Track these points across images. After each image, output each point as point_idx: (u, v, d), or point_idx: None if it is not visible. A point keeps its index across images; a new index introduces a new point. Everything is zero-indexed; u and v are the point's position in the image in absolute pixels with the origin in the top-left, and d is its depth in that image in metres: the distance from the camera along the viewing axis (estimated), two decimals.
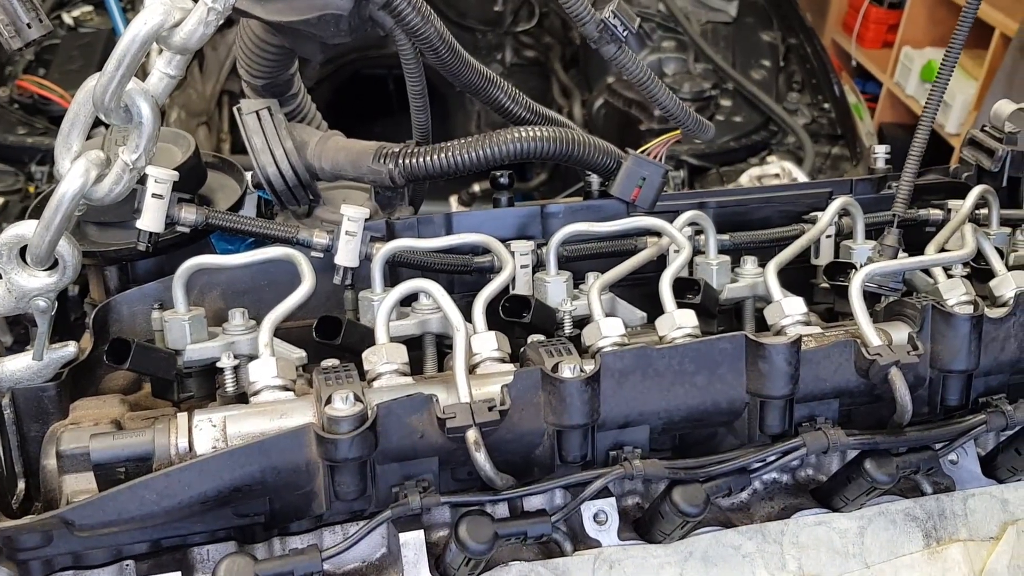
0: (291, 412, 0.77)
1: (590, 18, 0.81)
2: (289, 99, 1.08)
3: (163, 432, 0.75)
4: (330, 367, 0.80)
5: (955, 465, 0.92)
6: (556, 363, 0.78)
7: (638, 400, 0.81)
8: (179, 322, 0.86)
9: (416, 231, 1.00)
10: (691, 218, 1.00)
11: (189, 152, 1.00)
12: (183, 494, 0.72)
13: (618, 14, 0.81)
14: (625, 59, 0.84)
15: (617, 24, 0.81)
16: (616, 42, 0.82)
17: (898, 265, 0.93)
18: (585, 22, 0.81)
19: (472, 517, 0.76)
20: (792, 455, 0.83)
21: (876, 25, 4.56)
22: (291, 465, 0.74)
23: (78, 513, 0.70)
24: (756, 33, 2.82)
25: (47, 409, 0.83)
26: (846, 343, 0.84)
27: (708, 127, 0.95)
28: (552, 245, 0.95)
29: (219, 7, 0.77)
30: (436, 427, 0.76)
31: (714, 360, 0.82)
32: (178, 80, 0.83)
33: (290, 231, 0.92)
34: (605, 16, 0.81)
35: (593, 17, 0.81)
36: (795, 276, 1.02)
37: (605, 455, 0.84)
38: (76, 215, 0.82)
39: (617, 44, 0.82)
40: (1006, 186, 1.14)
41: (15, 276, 0.82)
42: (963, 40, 0.97)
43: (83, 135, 0.82)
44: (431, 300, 0.89)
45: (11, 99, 2.33)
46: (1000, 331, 0.88)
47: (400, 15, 0.89)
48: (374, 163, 0.98)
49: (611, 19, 0.81)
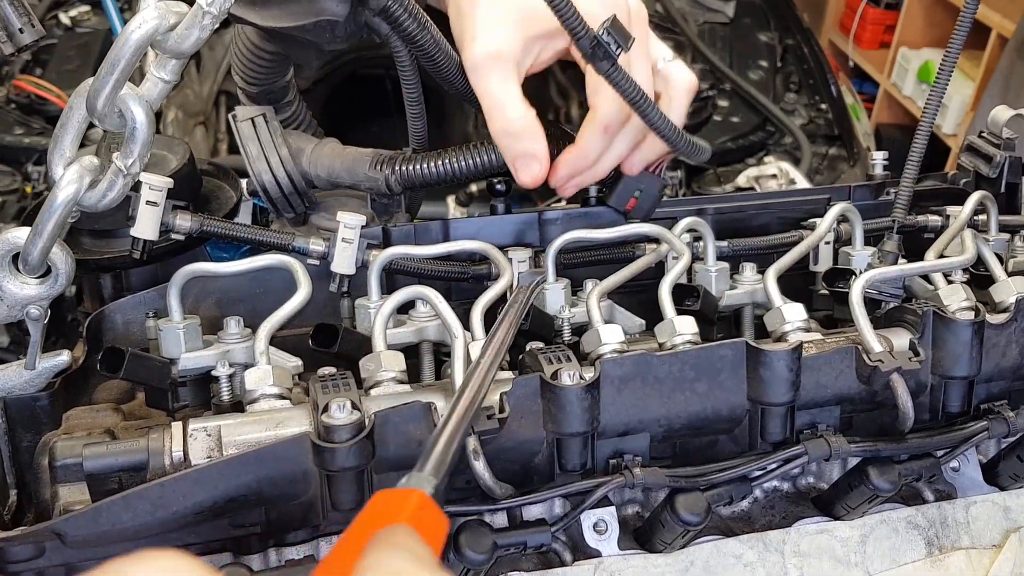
0: (287, 421, 0.76)
1: (584, 33, 0.78)
2: (284, 106, 1.07)
3: (157, 441, 0.74)
4: (327, 375, 0.79)
5: (957, 472, 0.91)
6: (555, 370, 0.78)
7: (638, 407, 0.80)
8: (173, 331, 0.85)
9: (413, 238, 0.99)
10: (689, 224, 0.99)
11: (184, 159, 1.00)
12: (178, 504, 0.71)
13: (611, 31, 0.78)
14: (619, 77, 0.81)
15: (610, 42, 0.78)
16: (609, 59, 0.79)
17: (898, 271, 0.93)
18: (580, 37, 0.78)
19: (471, 527, 0.75)
20: (793, 463, 0.83)
21: (873, 26, 4.57)
22: (287, 475, 0.73)
23: (71, 524, 0.70)
24: (753, 34, 2.82)
25: (40, 419, 0.82)
26: (847, 349, 0.83)
27: (703, 150, 0.92)
28: (550, 252, 0.94)
29: (215, 10, 0.76)
30: None
31: (714, 367, 0.81)
32: (173, 85, 0.82)
33: (286, 238, 0.92)
34: (598, 32, 0.78)
35: (587, 33, 0.78)
36: (794, 282, 1.01)
37: (605, 463, 0.83)
38: (69, 222, 0.81)
39: (610, 61, 0.79)
40: (1004, 192, 1.14)
41: (7, 284, 0.81)
42: (961, 43, 0.96)
43: (76, 141, 0.81)
44: (428, 307, 0.89)
45: (8, 99, 2.32)
46: (1001, 337, 0.88)
47: (396, 21, 0.88)
48: (370, 170, 0.98)
49: (604, 36, 0.78)
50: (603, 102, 0.88)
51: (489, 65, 0.87)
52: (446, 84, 0.96)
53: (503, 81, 0.87)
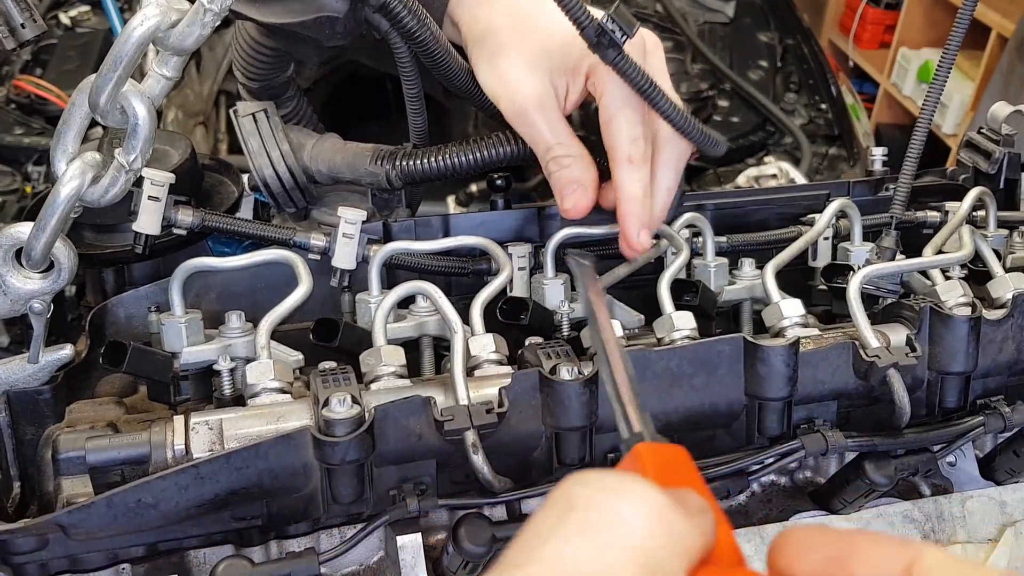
0: (288, 415, 0.77)
1: (589, 22, 0.78)
2: (285, 102, 1.07)
3: (160, 435, 0.75)
4: (327, 369, 0.80)
5: (953, 467, 0.92)
6: (554, 365, 0.78)
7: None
8: (175, 325, 0.86)
9: (413, 233, 0.99)
10: (689, 220, 0.99)
11: (186, 154, 1.00)
12: (180, 497, 0.72)
13: (615, 18, 0.78)
14: (626, 65, 0.80)
15: (615, 29, 0.78)
16: (615, 47, 0.79)
17: (896, 267, 0.93)
18: (584, 26, 0.78)
19: (470, 520, 0.76)
20: (790, 457, 0.83)
21: (873, 26, 4.57)
22: (288, 468, 0.74)
23: (74, 517, 0.70)
24: (753, 34, 2.82)
25: (43, 412, 0.83)
26: (844, 345, 0.84)
27: (719, 143, 0.90)
28: (550, 247, 0.95)
29: (216, 8, 0.77)
30: (434, 429, 0.75)
31: (713, 362, 0.82)
32: (175, 82, 0.82)
33: (287, 233, 0.92)
34: (603, 20, 0.78)
35: (592, 22, 0.78)
36: (793, 278, 1.02)
37: (603, 457, 0.83)
38: (72, 217, 0.82)
39: (616, 49, 0.79)
40: (1003, 188, 1.14)
41: (10, 278, 0.82)
42: (959, 42, 0.96)
43: (79, 137, 0.81)
44: (429, 302, 0.89)
45: (8, 99, 2.32)
46: (998, 333, 0.88)
47: (396, 18, 0.89)
48: (371, 165, 0.98)
49: (608, 24, 0.78)
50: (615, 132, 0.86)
51: (535, 114, 0.87)
52: (445, 81, 0.97)
53: (551, 124, 0.88)
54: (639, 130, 0.87)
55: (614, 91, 0.86)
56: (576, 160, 0.89)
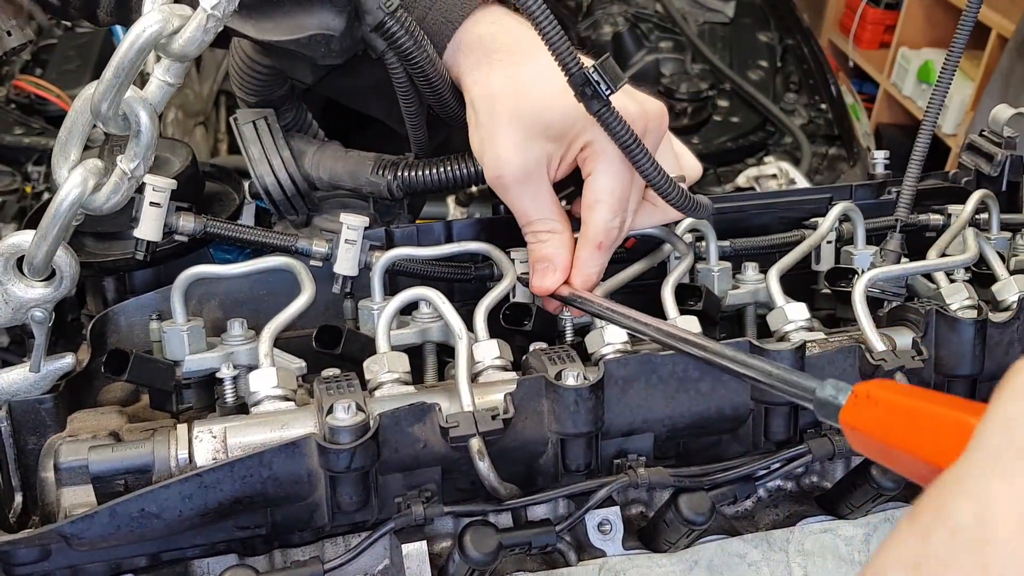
0: (292, 422, 0.76)
1: (577, 69, 0.74)
2: (284, 113, 1.07)
3: (162, 444, 0.74)
4: (331, 377, 0.79)
5: None
6: (559, 371, 0.78)
7: (642, 407, 0.80)
8: (177, 332, 0.85)
9: (416, 239, 0.99)
10: (692, 224, 0.99)
11: (187, 161, 1.00)
12: (183, 506, 0.71)
13: (599, 69, 0.74)
14: (610, 118, 0.77)
15: (600, 81, 0.74)
16: (598, 98, 0.75)
17: (901, 270, 0.93)
18: (572, 72, 0.75)
19: (476, 527, 0.75)
20: (797, 462, 0.83)
21: (873, 26, 4.57)
22: (292, 476, 0.74)
23: (76, 527, 0.70)
24: (753, 34, 2.82)
25: (44, 421, 0.82)
26: (850, 348, 0.83)
27: (702, 207, 0.88)
28: None
29: (219, 14, 0.76)
30: (439, 436, 0.75)
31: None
32: (177, 87, 0.82)
33: (289, 240, 0.92)
34: (587, 71, 0.74)
35: (580, 69, 0.74)
36: (796, 282, 1.01)
37: (609, 463, 0.83)
38: (74, 225, 0.81)
39: (600, 101, 0.75)
40: (1005, 190, 1.14)
41: (12, 287, 0.81)
42: (963, 44, 0.96)
43: (81, 144, 0.81)
44: (432, 308, 0.89)
45: (8, 99, 2.32)
46: (1004, 335, 0.88)
47: (392, 37, 0.88)
48: (372, 174, 0.98)
49: (593, 75, 0.74)
50: (595, 218, 0.86)
51: (518, 187, 0.86)
52: (437, 105, 0.95)
53: (534, 196, 0.87)
54: (618, 220, 0.86)
55: (602, 174, 0.85)
56: (553, 237, 0.88)
